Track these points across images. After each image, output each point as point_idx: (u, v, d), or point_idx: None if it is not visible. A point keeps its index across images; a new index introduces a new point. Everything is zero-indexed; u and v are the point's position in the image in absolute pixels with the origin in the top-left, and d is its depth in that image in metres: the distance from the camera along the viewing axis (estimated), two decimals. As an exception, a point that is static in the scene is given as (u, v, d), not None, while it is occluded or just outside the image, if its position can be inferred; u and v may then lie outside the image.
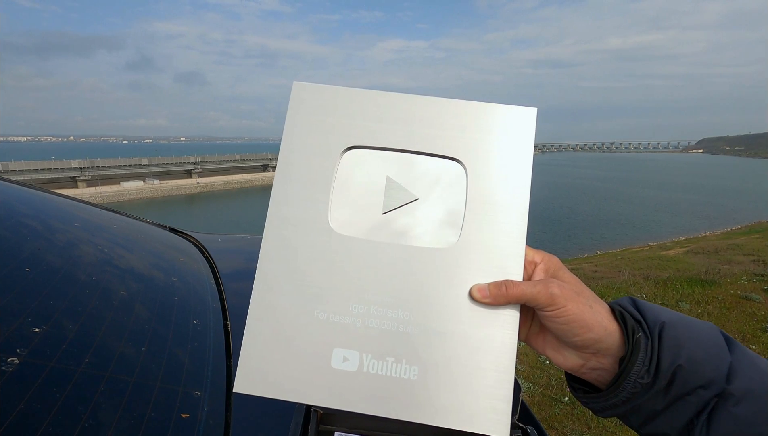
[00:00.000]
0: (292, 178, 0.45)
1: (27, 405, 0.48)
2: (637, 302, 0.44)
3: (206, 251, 1.30)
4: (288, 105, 0.47)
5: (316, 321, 0.42)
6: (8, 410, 0.47)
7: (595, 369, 0.44)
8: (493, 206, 0.44)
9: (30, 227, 0.88)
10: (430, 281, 0.43)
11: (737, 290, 5.49)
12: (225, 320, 0.89)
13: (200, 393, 0.64)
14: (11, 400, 0.48)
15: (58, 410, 0.49)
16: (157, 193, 47.77)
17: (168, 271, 1.03)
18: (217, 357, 0.75)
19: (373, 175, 0.46)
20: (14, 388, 0.49)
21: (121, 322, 0.70)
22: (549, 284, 0.41)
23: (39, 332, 0.58)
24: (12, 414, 0.46)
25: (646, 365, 0.40)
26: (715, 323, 0.44)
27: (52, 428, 0.47)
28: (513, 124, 0.45)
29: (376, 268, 0.43)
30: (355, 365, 0.42)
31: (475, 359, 0.42)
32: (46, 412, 0.49)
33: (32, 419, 0.47)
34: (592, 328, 0.41)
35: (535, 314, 0.45)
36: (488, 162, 0.45)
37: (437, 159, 0.46)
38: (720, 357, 0.40)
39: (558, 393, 3.18)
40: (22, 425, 0.46)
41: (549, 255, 0.46)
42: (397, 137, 0.46)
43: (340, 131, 0.46)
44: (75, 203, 1.28)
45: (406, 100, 0.47)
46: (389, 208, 0.45)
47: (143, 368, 0.62)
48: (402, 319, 0.42)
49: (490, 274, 0.43)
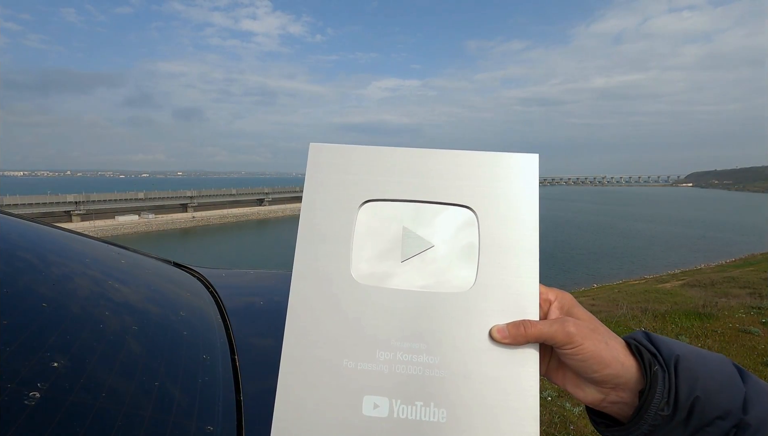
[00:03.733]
0: (314, 234, 0.48)
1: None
2: (650, 336, 0.46)
3: (211, 285, 1.31)
4: (306, 166, 0.50)
5: (344, 370, 0.44)
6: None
7: (615, 403, 0.45)
8: (505, 249, 0.46)
9: (43, 261, 0.90)
10: (451, 324, 0.45)
11: (735, 323, 5.47)
12: (233, 354, 0.89)
13: (213, 428, 0.64)
14: (31, 432, 0.49)
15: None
16: (152, 227, 47.55)
17: (176, 305, 1.04)
18: (227, 392, 0.75)
19: (390, 226, 0.48)
20: (36, 422, 0.50)
21: (135, 356, 0.71)
22: (565, 323, 0.43)
23: (58, 366, 0.59)
24: (34, 448, 0.47)
25: (665, 397, 0.41)
26: None
27: (73, 463, 0.48)
28: (518, 170, 0.48)
29: (398, 315, 0.45)
30: (385, 411, 0.43)
31: (500, 399, 0.43)
32: (66, 447, 0.49)
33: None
34: (609, 364, 0.43)
35: (553, 350, 0.46)
36: (497, 207, 0.48)
37: (449, 207, 0.48)
38: (734, 388, 0.41)
39: (561, 431, 3.11)
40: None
41: (562, 292, 0.48)
42: (410, 189, 0.49)
43: (357, 187, 0.49)
44: (83, 239, 1.30)
45: (416, 154, 0.50)
46: (407, 256, 0.47)
47: (157, 402, 0.63)
48: (427, 363, 0.44)
49: (507, 314, 0.45)
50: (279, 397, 0.44)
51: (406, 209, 0.48)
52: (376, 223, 0.48)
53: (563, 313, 0.46)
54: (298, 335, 0.45)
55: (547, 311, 0.46)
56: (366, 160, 0.50)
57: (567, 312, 0.46)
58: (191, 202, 58.40)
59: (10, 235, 0.96)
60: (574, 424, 3.14)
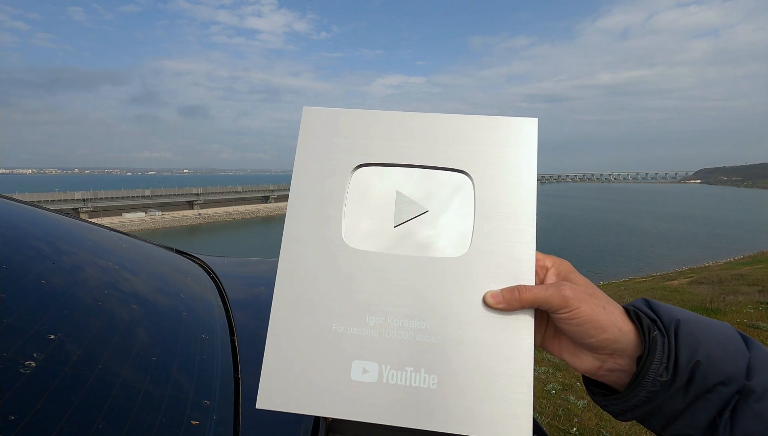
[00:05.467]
0: (305, 197, 0.47)
1: (43, 406, 0.49)
2: (651, 302, 0.44)
3: (212, 271, 1.31)
4: (299, 129, 0.50)
5: (334, 335, 0.43)
6: (24, 410, 0.47)
7: (612, 371, 0.44)
8: (501, 214, 0.45)
9: (44, 243, 0.90)
10: (444, 290, 0.44)
11: (743, 319, 5.43)
12: (232, 335, 0.89)
13: (210, 402, 0.64)
14: (27, 402, 0.49)
15: (73, 411, 0.50)
16: (158, 224, 47.90)
17: (176, 288, 1.05)
18: (225, 369, 0.75)
19: (384, 190, 0.47)
20: (30, 390, 0.50)
21: (132, 332, 0.71)
22: (561, 287, 0.42)
23: (54, 338, 0.59)
24: (28, 414, 0.47)
25: (664, 362, 0.40)
26: None
27: (67, 428, 0.48)
28: (516, 135, 0.47)
29: (390, 280, 0.44)
30: (374, 377, 0.42)
31: (493, 366, 0.42)
32: (60, 413, 0.49)
33: (47, 420, 0.48)
34: (607, 328, 0.41)
35: (549, 318, 0.45)
36: (494, 172, 0.46)
37: (444, 172, 0.47)
38: (738, 353, 0.40)
39: (566, 424, 3.09)
40: (37, 425, 0.47)
41: (560, 259, 0.47)
42: (405, 153, 0.48)
43: (350, 151, 0.48)
44: (85, 225, 1.31)
45: (411, 117, 0.49)
46: (400, 221, 0.46)
47: (154, 376, 0.63)
48: (419, 328, 0.43)
49: (502, 280, 0.44)
50: (266, 361, 0.43)
51: (400, 174, 0.47)
52: (369, 187, 0.47)
53: (560, 279, 0.45)
54: (287, 298, 0.44)
55: (544, 277, 0.45)
56: (360, 123, 0.49)
57: (564, 278, 0.45)
58: (197, 199, 58.77)
59: (14, 221, 0.97)
60: (579, 417, 3.12)
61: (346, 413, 0.42)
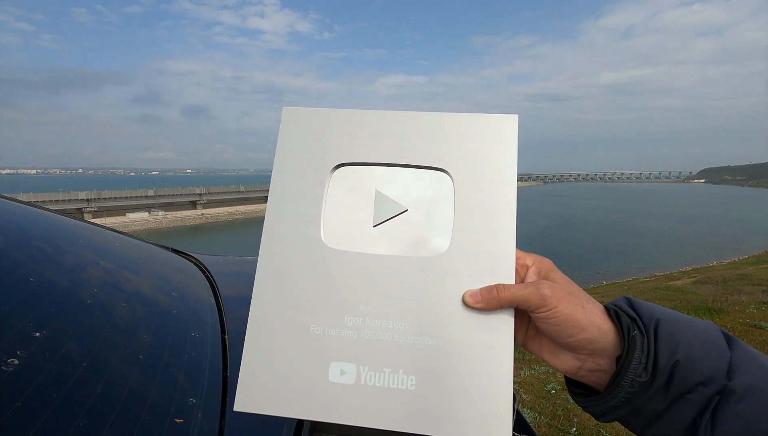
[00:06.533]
0: (284, 197, 0.47)
1: (24, 404, 0.49)
2: (632, 301, 0.44)
3: (207, 270, 1.31)
4: (279, 129, 0.49)
5: (311, 336, 0.43)
6: (5, 407, 0.47)
7: (593, 371, 0.43)
8: (481, 212, 0.45)
9: (34, 241, 0.90)
10: (423, 290, 0.43)
11: (746, 318, 5.39)
12: (223, 334, 0.89)
13: (195, 400, 0.64)
14: (9, 398, 0.49)
15: (55, 409, 0.50)
16: (161, 224, 48.10)
17: (168, 286, 1.05)
18: (214, 367, 0.75)
19: (363, 190, 0.47)
20: (12, 387, 0.50)
21: (119, 330, 0.71)
22: (540, 286, 0.41)
23: (39, 336, 0.59)
24: (9, 411, 0.47)
25: (643, 362, 0.39)
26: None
27: (49, 426, 0.48)
28: (496, 132, 0.47)
29: (369, 280, 0.44)
30: (352, 378, 0.42)
31: (472, 366, 0.41)
32: (42, 411, 0.49)
33: (29, 417, 0.48)
34: (585, 327, 0.41)
35: (531, 317, 0.44)
36: (474, 169, 0.46)
37: (424, 170, 0.47)
38: (719, 353, 0.39)
39: (565, 424, 3.08)
40: (19, 423, 0.47)
41: (541, 258, 0.46)
42: (384, 152, 0.47)
43: (329, 150, 0.48)
44: (80, 223, 1.31)
45: (391, 116, 0.48)
46: (379, 220, 0.46)
47: (140, 374, 0.63)
48: (397, 329, 0.42)
49: (482, 279, 0.43)
50: (244, 363, 0.43)
51: (379, 173, 0.47)
52: (348, 187, 0.47)
53: (541, 277, 0.44)
54: (265, 299, 0.44)
55: (524, 275, 0.45)
56: (340, 123, 0.48)
57: (545, 276, 0.44)
58: (200, 199, 58.93)
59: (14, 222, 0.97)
60: (578, 417, 3.11)
61: (324, 416, 0.41)
